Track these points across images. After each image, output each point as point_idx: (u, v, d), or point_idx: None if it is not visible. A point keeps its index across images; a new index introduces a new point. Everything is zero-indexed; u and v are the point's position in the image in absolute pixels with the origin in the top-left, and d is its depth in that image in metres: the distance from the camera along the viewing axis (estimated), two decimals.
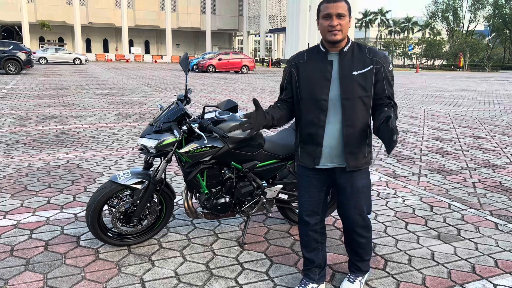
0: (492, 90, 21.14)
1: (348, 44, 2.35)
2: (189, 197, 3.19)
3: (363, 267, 2.68)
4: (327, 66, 2.34)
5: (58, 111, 10.15)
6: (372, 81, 2.32)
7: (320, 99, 2.34)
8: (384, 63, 2.35)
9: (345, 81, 2.30)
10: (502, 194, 4.69)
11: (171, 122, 3.00)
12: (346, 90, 2.30)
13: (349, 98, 2.30)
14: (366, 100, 2.34)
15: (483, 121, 10.36)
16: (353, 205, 2.48)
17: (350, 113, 2.32)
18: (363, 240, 2.57)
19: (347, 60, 2.32)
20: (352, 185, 2.45)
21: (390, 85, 2.38)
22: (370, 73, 2.31)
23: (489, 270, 2.99)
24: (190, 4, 68.63)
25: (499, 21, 69.84)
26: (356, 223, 2.51)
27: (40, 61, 38.01)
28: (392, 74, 2.42)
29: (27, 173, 5.00)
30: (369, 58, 2.33)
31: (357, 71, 2.30)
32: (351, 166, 2.39)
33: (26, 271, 2.83)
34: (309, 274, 2.65)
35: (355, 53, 2.34)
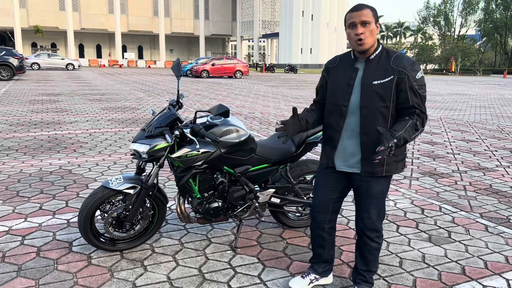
0: (483, 94, 21.36)
1: (376, 51, 2.35)
2: (182, 201, 3.20)
3: (369, 279, 2.66)
4: (352, 73, 2.38)
5: (51, 116, 10.12)
6: (392, 92, 2.30)
7: (341, 105, 2.40)
8: (409, 72, 2.29)
9: (365, 89, 2.32)
10: (492, 196, 4.74)
11: (163, 127, 3.01)
12: (365, 98, 2.32)
13: (367, 107, 2.32)
14: (385, 111, 2.32)
15: (474, 124, 10.46)
16: (364, 209, 2.52)
17: (367, 122, 2.34)
18: (374, 245, 2.57)
19: (371, 68, 2.34)
20: (366, 190, 2.48)
21: (415, 94, 2.30)
22: (390, 83, 2.29)
23: (478, 272, 3.02)
24: (184, 9, 68.78)
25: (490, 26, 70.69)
26: (366, 226, 2.54)
27: (32, 66, 37.85)
28: (421, 82, 2.32)
29: (19, 179, 4.98)
30: (392, 67, 2.30)
31: (378, 80, 2.31)
32: (364, 172, 2.42)
33: (18, 277, 2.83)
34: (314, 266, 2.81)
35: (380, 61, 2.34)
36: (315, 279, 2.79)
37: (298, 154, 3.39)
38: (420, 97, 2.32)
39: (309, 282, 2.77)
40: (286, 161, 3.36)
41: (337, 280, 2.88)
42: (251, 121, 10.19)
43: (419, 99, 2.32)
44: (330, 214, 2.65)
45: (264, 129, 9.05)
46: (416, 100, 2.31)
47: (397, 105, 2.34)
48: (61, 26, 60.62)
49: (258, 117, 10.94)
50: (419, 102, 2.32)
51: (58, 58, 40.11)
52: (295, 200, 3.49)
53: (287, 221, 3.68)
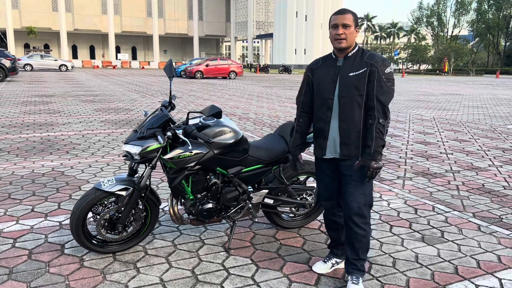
0: (476, 94, 21.49)
1: (353, 50, 2.66)
2: (175, 203, 3.18)
3: (360, 267, 2.78)
4: (335, 70, 2.68)
5: (43, 118, 10.06)
6: (365, 82, 2.58)
7: (327, 98, 2.68)
8: (379, 66, 2.57)
9: (343, 81, 2.62)
10: (484, 196, 4.77)
11: (155, 128, 3.00)
12: (343, 89, 2.62)
13: (344, 96, 2.61)
14: (359, 99, 2.59)
15: (467, 124, 10.52)
16: (350, 192, 2.69)
17: (344, 110, 2.62)
18: (361, 232, 2.70)
19: (349, 63, 2.64)
20: (350, 174, 2.68)
21: (381, 86, 2.56)
22: (363, 75, 2.58)
23: (471, 271, 3.04)
24: (177, 10, 68.65)
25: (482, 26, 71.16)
26: (352, 210, 2.69)
27: (25, 68, 37.61)
28: (389, 76, 2.59)
29: (11, 181, 4.94)
30: (365, 61, 2.60)
31: (353, 72, 2.60)
32: (343, 155, 2.67)
33: (9, 280, 2.80)
34: (333, 250, 3.04)
35: (357, 58, 2.65)
36: (336, 262, 3.02)
37: None
38: (387, 89, 2.58)
39: (331, 266, 3.00)
40: (279, 161, 3.36)
41: (330, 281, 2.88)
42: (245, 121, 10.19)
43: (384, 91, 2.56)
44: (336, 199, 2.90)
45: (258, 130, 9.05)
46: (380, 91, 2.56)
47: (365, 95, 2.60)
48: (54, 27, 60.28)
49: (252, 117, 10.93)
50: (382, 93, 2.56)
51: (51, 59, 39.87)
52: (289, 200, 3.49)
53: (281, 221, 3.68)
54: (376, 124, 2.55)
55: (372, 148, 2.54)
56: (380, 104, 2.56)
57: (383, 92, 2.56)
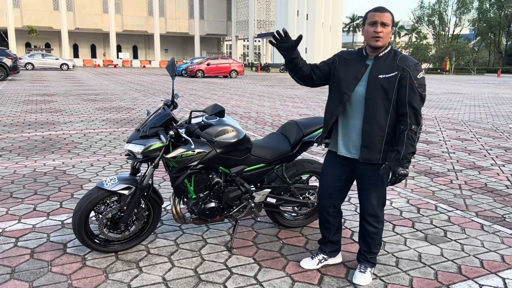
0: (477, 93, 21.45)
1: (385, 50, 2.60)
2: (177, 202, 3.17)
3: (371, 259, 2.87)
4: (361, 68, 2.62)
5: (45, 117, 10.06)
6: (395, 86, 2.52)
7: (344, 93, 2.63)
8: (411, 71, 2.51)
9: (371, 82, 2.56)
10: (487, 195, 4.75)
11: (157, 127, 2.99)
12: (370, 90, 2.56)
13: (371, 98, 2.56)
14: (387, 103, 2.54)
15: (469, 123, 10.50)
16: (365, 195, 2.74)
17: (370, 112, 2.57)
18: (372, 229, 2.78)
19: (379, 64, 2.58)
20: (367, 178, 2.69)
21: (414, 91, 2.51)
22: (394, 78, 2.52)
23: (475, 271, 3.02)
24: (178, 9, 68.59)
25: (484, 25, 70.99)
26: (367, 211, 2.76)
27: (26, 67, 37.61)
28: (421, 81, 2.54)
29: (13, 180, 4.94)
30: (397, 64, 2.53)
31: (383, 74, 2.54)
32: (363, 158, 2.64)
33: (11, 279, 2.79)
34: (322, 246, 3.06)
35: (388, 59, 2.58)
36: (323, 259, 3.03)
37: (294, 154, 3.38)
38: (419, 95, 2.53)
39: (318, 262, 3.01)
40: (282, 160, 3.35)
41: (334, 280, 2.87)
42: (247, 120, 10.17)
43: (417, 97, 2.52)
44: (334, 200, 2.89)
45: (259, 128, 9.04)
46: (414, 97, 2.51)
47: (397, 101, 2.55)
48: (55, 26, 60.28)
49: (254, 116, 10.92)
50: (415, 99, 2.52)
51: (52, 58, 39.89)
52: (291, 200, 3.48)
53: (283, 221, 3.67)
54: (408, 131, 2.51)
55: (401, 154, 2.50)
56: (412, 110, 2.51)
57: (416, 98, 2.51)
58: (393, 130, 2.60)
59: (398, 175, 2.51)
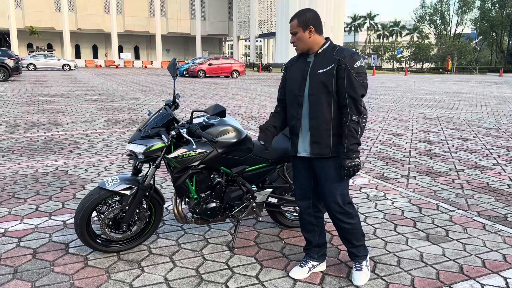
0: (479, 92, 21.41)
1: (323, 47, 2.64)
2: (179, 202, 3.18)
3: (359, 253, 2.84)
4: (305, 67, 2.67)
5: (47, 117, 10.08)
6: (333, 79, 2.54)
7: (297, 95, 2.67)
8: (348, 62, 2.51)
9: (312, 79, 2.60)
10: (489, 195, 4.74)
11: (159, 127, 3.00)
12: (312, 86, 2.60)
13: (314, 94, 2.60)
14: (328, 97, 2.57)
15: (470, 123, 10.48)
16: (328, 193, 2.70)
17: (314, 107, 2.60)
18: (347, 226, 2.75)
19: (318, 60, 2.62)
20: (325, 174, 2.67)
21: (351, 81, 2.51)
22: (331, 71, 2.54)
23: (476, 270, 3.02)
24: (180, 9, 68.62)
25: (486, 24, 70.87)
26: (334, 210, 2.72)
27: (28, 67, 37.68)
28: (359, 70, 2.53)
29: (15, 181, 4.95)
30: (334, 57, 2.56)
31: (322, 69, 2.57)
32: (313, 154, 2.66)
33: (14, 279, 2.81)
34: (309, 253, 2.97)
35: (326, 54, 2.61)
36: (312, 266, 2.94)
37: None
38: (359, 85, 2.52)
39: (308, 270, 2.92)
40: (283, 160, 3.35)
41: (335, 279, 2.87)
42: (248, 121, 10.18)
43: (355, 86, 2.51)
44: (312, 199, 2.87)
45: None
46: (351, 87, 2.51)
47: (337, 91, 2.56)
48: (57, 26, 60.36)
49: (255, 117, 10.92)
50: (353, 89, 2.51)
51: (54, 59, 39.94)
52: (293, 199, 3.48)
53: (285, 220, 3.67)
54: (349, 122, 2.52)
55: (345, 147, 2.53)
56: (352, 100, 2.52)
57: (354, 87, 2.51)
58: (339, 122, 2.61)
59: (347, 167, 2.51)
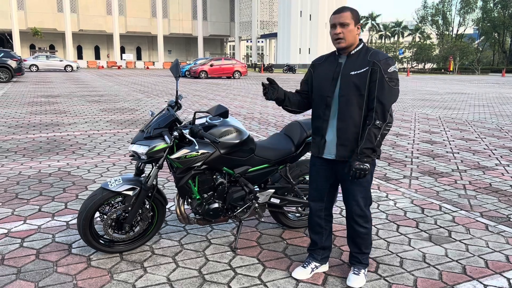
0: (481, 92, 21.37)
1: (357, 48, 2.60)
2: (181, 203, 3.18)
3: (363, 260, 2.84)
4: (336, 67, 2.63)
5: (49, 118, 10.10)
6: (366, 81, 2.52)
7: (326, 96, 2.63)
8: (382, 65, 2.50)
9: (344, 80, 2.56)
10: (492, 195, 4.74)
11: (162, 128, 3.00)
12: (343, 88, 2.56)
13: (344, 95, 2.55)
14: (360, 99, 2.54)
15: (473, 123, 10.46)
16: (351, 196, 2.70)
17: (343, 109, 2.56)
18: (362, 230, 2.75)
19: (351, 61, 2.58)
20: (350, 177, 2.61)
21: (383, 86, 2.49)
22: (365, 73, 2.51)
23: (479, 271, 3.02)
24: (182, 10, 68.70)
25: (488, 24, 70.71)
26: (354, 212, 2.72)
27: (31, 68, 37.77)
28: (392, 75, 2.52)
29: (18, 181, 4.97)
30: (368, 60, 2.53)
31: (355, 71, 2.54)
32: (339, 156, 2.63)
33: (17, 280, 2.81)
34: (313, 254, 2.95)
35: (360, 56, 2.58)
36: (315, 267, 2.93)
37: (298, 154, 3.38)
38: (390, 90, 2.50)
39: (311, 271, 2.91)
40: (285, 161, 3.36)
41: (338, 280, 2.87)
42: (250, 121, 10.18)
43: (386, 91, 2.49)
44: (325, 203, 2.85)
45: (263, 129, 9.04)
46: (382, 92, 2.48)
47: (367, 96, 2.54)
48: (59, 27, 60.51)
49: (257, 117, 10.93)
50: (384, 94, 2.48)
51: (57, 60, 40.01)
52: (295, 200, 3.49)
53: (287, 221, 3.67)
54: (371, 126, 2.49)
55: (359, 148, 2.50)
56: (380, 105, 2.49)
57: (385, 92, 2.48)
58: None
59: (354, 169, 2.49)
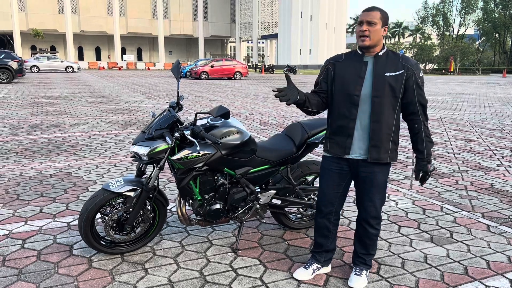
0: (482, 93, 21.35)
1: (383, 50, 2.60)
2: (182, 204, 3.18)
3: (368, 261, 2.86)
4: (362, 66, 2.59)
5: (50, 119, 10.11)
6: (402, 84, 2.55)
7: (352, 94, 2.58)
8: (415, 70, 2.56)
9: (378, 80, 2.54)
10: (493, 196, 4.73)
11: (163, 129, 3.00)
12: (378, 88, 2.54)
13: (379, 96, 2.54)
14: (394, 101, 2.56)
15: (474, 124, 10.45)
16: (368, 198, 2.71)
17: (377, 110, 2.55)
18: (373, 231, 2.78)
19: (381, 62, 2.57)
20: (371, 179, 2.66)
21: (421, 89, 2.59)
22: (401, 77, 2.54)
23: (481, 272, 3.01)
24: (183, 11, 68.79)
25: (489, 25, 70.67)
26: (370, 214, 2.73)
27: (32, 69, 37.79)
28: (423, 80, 2.61)
29: (19, 182, 4.97)
30: (402, 63, 2.56)
31: (390, 73, 2.54)
32: (372, 158, 2.61)
33: (18, 281, 2.81)
34: (316, 256, 2.94)
35: (389, 58, 2.59)
36: (317, 268, 2.93)
37: (299, 155, 3.38)
38: (424, 92, 2.63)
39: (312, 272, 2.91)
40: (287, 162, 3.35)
41: (339, 281, 2.87)
42: (251, 122, 10.18)
43: (423, 94, 2.61)
44: (336, 206, 2.83)
45: (264, 130, 9.04)
46: (421, 95, 2.59)
47: (403, 99, 2.59)
48: (60, 28, 60.61)
49: (258, 118, 10.93)
50: (423, 97, 2.60)
51: (58, 61, 40.05)
52: (296, 201, 3.48)
53: (288, 222, 3.67)
54: (424, 128, 2.60)
55: (425, 153, 2.61)
56: (422, 107, 2.59)
57: (423, 96, 2.59)
58: (398, 128, 2.65)
59: (430, 172, 2.64)
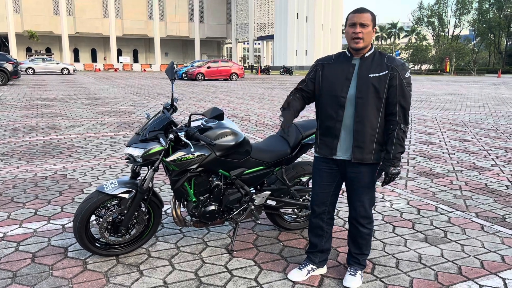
0: (477, 93, 21.45)
1: (370, 51, 2.61)
2: (177, 205, 3.19)
3: (362, 261, 2.86)
4: (349, 68, 2.62)
5: (46, 121, 10.08)
6: (385, 85, 2.54)
7: (339, 96, 2.60)
8: (400, 71, 2.55)
9: (362, 81, 2.55)
10: (487, 196, 4.75)
11: (157, 131, 3.00)
12: (361, 89, 2.55)
13: (362, 97, 2.55)
14: (378, 102, 2.56)
15: (469, 124, 10.50)
16: (358, 197, 2.73)
17: (361, 111, 2.56)
18: (365, 231, 2.78)
19: (367, 64, 2.58)
20: (359, 179, 2.68)
21: (403, 91, 2.55)
22: (385, 77, 2.54)
23: (475, 271, 3.03)
24: (178, 12, 68.77)
25: (484, 25, 71.05)
26: (359, 213, 2.75)
27: (27, 71, 37.66)
28: (409, 81, 2.59)
29: (14, 185, 4.95)
30: (386, 64, 2.56)
31: (374, 74, 2.55)
32: (355, 159, 2.62)
33: (13, 283, 2.80)
34: (311, 256, 2.94)
35: (375, 59, 2.59)
36: (312, 269, 2.92)
37: (294, 156, 3.39)
38: (408, 94, 2.59)
39: (307, 273, 2.91)
40: (281, 163, 3.36)
41: (334, 282, 2.87)
42: (247, 123, 10.19)
43: (406, 96, 2.58)
44: (328, 206, 2.85)
45: (259, 131, 9.05)
46: (403, 97, 2.56)
47: (386, 99, 2.57)
48: (55, 30, 60.45)
49: (254, 119, 10.94)
50: (404, 99, 2.57)
51: (53, 63, 39.94)
52: (291, 202, 3.49)
53: (283, 223, 3.68)
54: (398, 130, 2.56)
55: (391, 154, 2.56)
56: (402, 109, 2.56)
57: (405, 97, 2.56)
58: (383, 129, 2.63)
59: (391, 174, 2.57)
